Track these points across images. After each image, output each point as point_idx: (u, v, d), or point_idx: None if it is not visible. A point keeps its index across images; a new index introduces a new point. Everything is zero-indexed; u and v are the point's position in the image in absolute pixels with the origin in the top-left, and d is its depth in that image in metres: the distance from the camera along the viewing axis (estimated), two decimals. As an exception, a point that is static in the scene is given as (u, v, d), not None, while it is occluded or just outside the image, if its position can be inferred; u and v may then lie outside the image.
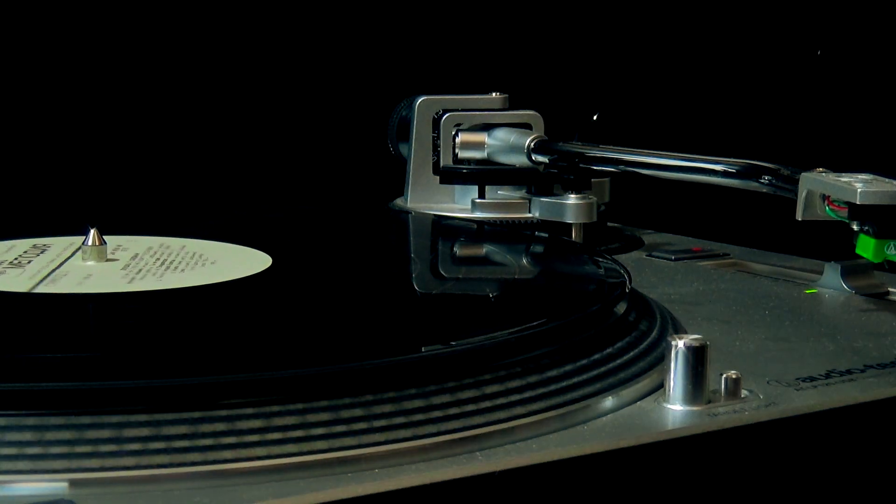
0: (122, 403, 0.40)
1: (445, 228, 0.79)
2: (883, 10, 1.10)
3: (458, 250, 0.72)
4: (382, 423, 0.41)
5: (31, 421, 0.39)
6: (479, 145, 0.83)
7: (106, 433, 0.39)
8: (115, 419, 0.39)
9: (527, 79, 1.06)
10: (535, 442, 0.43)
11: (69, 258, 0.61)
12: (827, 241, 0.66)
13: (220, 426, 0.40)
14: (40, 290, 0.55)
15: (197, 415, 0.40)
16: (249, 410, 0.40)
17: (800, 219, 0.62)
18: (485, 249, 0.73)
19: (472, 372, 0.44)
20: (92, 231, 0.61)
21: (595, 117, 0.81)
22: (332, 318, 0.54)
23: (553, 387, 0.45)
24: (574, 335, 0.49)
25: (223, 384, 0.41)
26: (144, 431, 0.39)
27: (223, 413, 0.40)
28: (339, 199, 1.03)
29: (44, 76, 1.03)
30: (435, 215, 0.81)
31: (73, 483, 0.38)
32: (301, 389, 0.41)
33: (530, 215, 0.79)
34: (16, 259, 0.61)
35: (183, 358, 0.46)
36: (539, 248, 0.72)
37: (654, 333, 0.53)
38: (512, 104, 0.86)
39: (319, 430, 0.40)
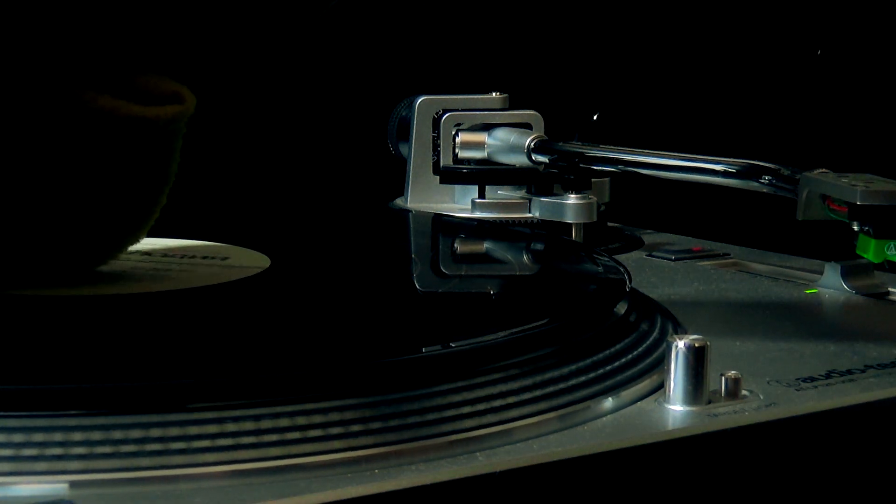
0: (122, 405, 0.40)
1: (445, 228, 0.79)
2: (883, 10, 1.10)
3: (458, 250, 0.72)
4: (382, 423, 0.41)
5: (31, 422, 0.39)
6: (479, 145, 0.83)
7: (106, 434, 0.39)
8: (114, 420, 0.39)
9: (527, 79, 1.06)
10: (536, 442, 0.43)
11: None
12: (827, 241, 0.66)
13: (220, 427, 0.40)
14: (38, 291, 0.55)
15: (196, 416, 0.40)
16: (249, 412, 0.40)
17: (800, 219, 0.62)
18: (485, 249, 0.73)
19: (473, 372, 0.44)
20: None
21: (595, 117, 0.81)
22: (332, 319, 0.54)
23: (553, 387, 0.45)
24: (574, 335, 0.49)
25: (223, 385, 0.41)
26: (144, 433, 0.39)
27: (222, 414, 0.40)
28: (339, 199, 1.03)
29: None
30: (435, 215, 0.81)
31: (74, 484, 0.38)
32: (301, 390, 0.41)
33: (530, 215, 0.79)
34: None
35: (182, 359, 0.46)
36: (539, 248, 0.72)
37: (655, 334, 0.53)
38: (512, 104, 0.86)
39: (319, 431, 0.40)
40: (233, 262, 0.61)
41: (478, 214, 0.80)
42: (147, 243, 0.65)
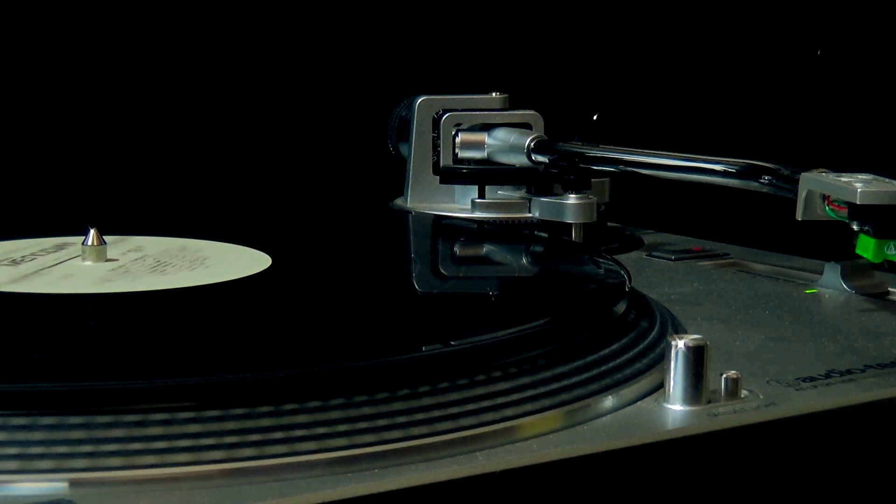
0: (121, 404, 0.40)
1: (445, 228, 0.79)
2: (883, 10, 1.10)
3: (458, 250, 0.72)
4: (382, 423, 0.41)
5: (30, 421, 0.39)
6: (479, 145, 0.83)
7: (105, 433, 0.39)
8: (113, 419, 0.39)
9: (527, 79, 1.06)
10: (535, 442, 0.43)
11: (69, 258, 0.61)
12: (827, 241, 0.66)
13: (219, 426, 0.40)
14: (41, 290, 0.55)
15: (194, 415, 0.40)
16: (247, 410, 0.40)
17: (800, 219, 0.62)
18: (485, 249, 0.73)
19: (473, 372, 0.44)
20: (92, 231, 0.61)
21: (595, 117, 0.81)
22: (332, 318, 0.54)
23: (553, 386, 0.45)
24: (574, 335, 0.49)
25: (222, 384, 0.41)
26: (143, 432, 0.39)
27: (221, 413, 0.40)
28: (339, 199, 1.03)
29: (44, 76, 1.03)
30: (435, 215, 0.81)
31: (73, 483, 0.38)
32: (301, 390, 0.41)
33: (530, 215, 0.79)
34: (16, 259, 0.61)
35: (181, 358, 0.46)
36: (539, 248, 0.72)
37: (654, 333, 0.53)
38: (512, 104, 0.86)
39: (319, 431, 0.40)
40: (234, 260, 0.61)
41: (478, 214, 0.80)
42: (147, 241, 0.65)
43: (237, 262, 0.61)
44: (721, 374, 0.47)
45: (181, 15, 1.07)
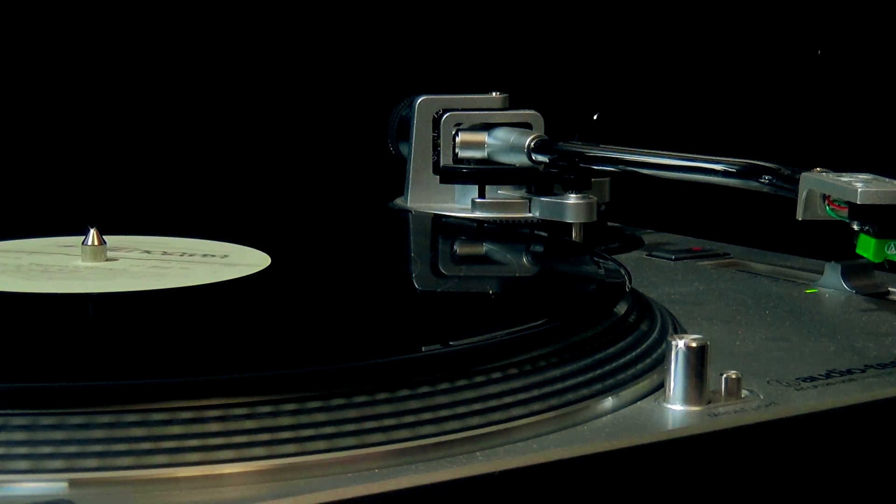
0: (121, 403, 0.40)
1: (445, 228, 0.79)
2: (883, 10, 1.10)
3: (457, 250, 0.72)
4: (382, 423, 0.41)
5: (30, 420, 0.39)
6: (479, 145, 0.83)
7: (104, 433, 0.39)
8: (113, 419, 0.39)
9: (527, 79, 1.06)
10: (535, 442, 0.43)
11: (68, 258, 0.61)
12: (827, 241, 0.66)
13: (218, 426, 0.40)
14: (38, 290, 0.55)
15: (196, 415, 0.40)
16: (247, 410, 0.40)
17: (800, 219, 0.62)
18: (485, 249, 0.73)
19: (472, 372, 0.44)
20: (92, 231, 0.61)
21: (595, 117, 0.81)
22: (332, 318, 0.54)
23: (553, 387, 0.45)
24: (574, 335, 0.49)
25: (221, 383, 0.41)
26: (143, 431, 0.39)
27: (220, 413, 0.40)
28: (339, 199, 1.03)
29: (44, 76, 1.03)
30: (435, 215, 0.81)
31: (73, 483, 0.38)
32: (301, 389, 0.41)
33: (530, 215, 0.79)
34: (14, 259, 0.61)
35: (180, 357, 0.46)
36: (539, 248, 0.72)
37: (655, 333, 0.53)
38: (512, 104, 0.86)
39: (318, 430, 0.40)
40: (233, 260, 0.61)
41: (478, 214, 0.80)
42: (147, 241, 0.65)
43: (237, 261, 0.61)
44: (721, 374, 0.47)
45: (181, 15, 1.07)
